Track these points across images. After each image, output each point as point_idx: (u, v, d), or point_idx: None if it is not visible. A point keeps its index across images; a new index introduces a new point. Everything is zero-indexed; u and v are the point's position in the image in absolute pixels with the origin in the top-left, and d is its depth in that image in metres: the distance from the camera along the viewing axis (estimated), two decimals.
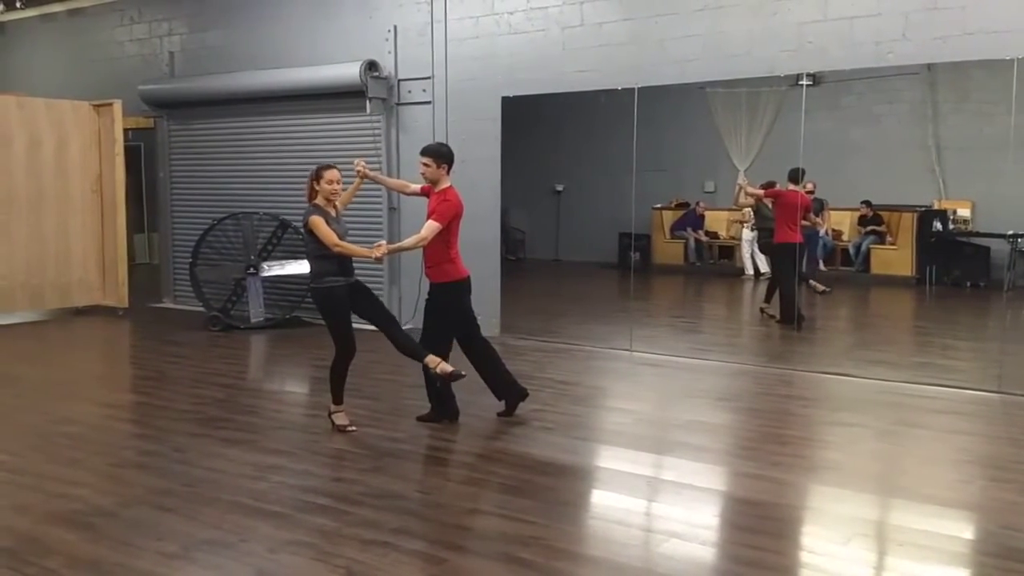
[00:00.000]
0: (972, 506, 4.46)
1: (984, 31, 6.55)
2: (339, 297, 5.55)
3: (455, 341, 5.85)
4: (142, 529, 4.09)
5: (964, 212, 10.34)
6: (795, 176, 8.81)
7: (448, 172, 5.72)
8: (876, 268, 10.35)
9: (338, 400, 5.73)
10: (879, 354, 8.43)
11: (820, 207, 10.68)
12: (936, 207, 10.38)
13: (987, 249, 10.13)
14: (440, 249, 5.65)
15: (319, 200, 5.59)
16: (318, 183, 5.59)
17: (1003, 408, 6.31)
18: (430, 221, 5.53)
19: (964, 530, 4.18)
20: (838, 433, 5.80)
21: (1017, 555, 3.78)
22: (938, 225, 10.25)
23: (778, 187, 9.07)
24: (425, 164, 5.69)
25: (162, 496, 4.52)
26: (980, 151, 9.69)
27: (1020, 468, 4.94)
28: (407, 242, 5.67)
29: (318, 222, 5.46)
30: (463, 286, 5.78)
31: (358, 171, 6.02)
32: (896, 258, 10.23)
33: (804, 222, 9.21)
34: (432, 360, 5.44)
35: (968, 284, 10.31)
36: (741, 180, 9.65)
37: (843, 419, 6.08)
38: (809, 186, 10.36)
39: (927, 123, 10.40)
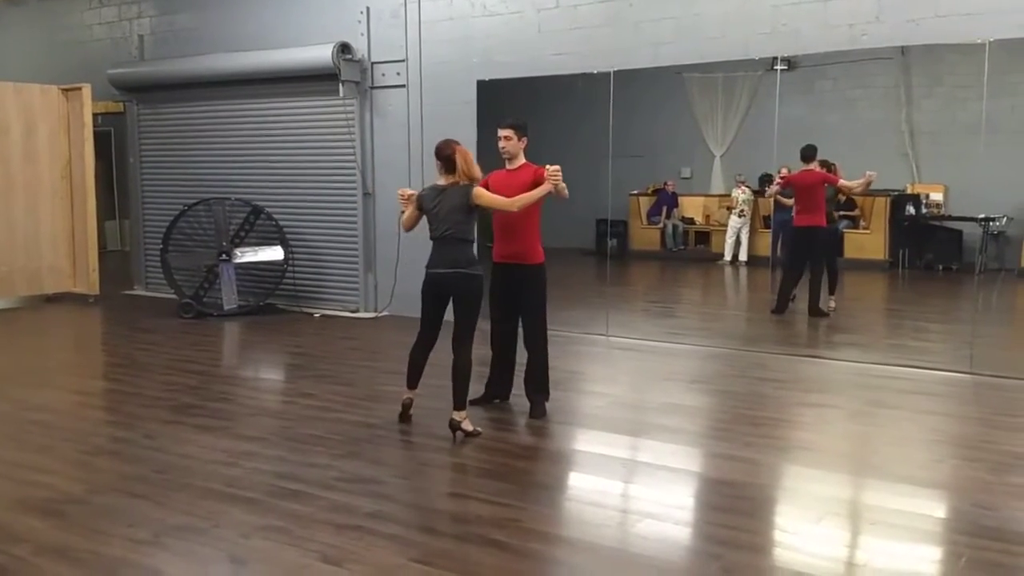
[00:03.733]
0: (944, 485, 4.50)
1: (957, 13, 6.58)
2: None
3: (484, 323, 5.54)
4: (112, 516, 4.04)
5: (937, 196, 10.44)
6: (807, 154, 8.66)
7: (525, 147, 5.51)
8: (850, 252, 10.42)
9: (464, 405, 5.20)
10: (852, 336, 8.51)
11: (792, 193, 10.71)
12: (909, 191, 10.48)
13: (959, 232, 10.24)
14: (535, 226, 5.45)
15: (458, 177, 5.14)
16: (459, 158, 5.10)
17: (974, 388, 6.38)
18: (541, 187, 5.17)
19: (936, 509, 4.22)
20: (811, 414, 5.84)
21: (988, 533, 3.81)
22: (911, 209, 10.34)
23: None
24: (507, 137, 5.41)
25: (133, 483, 4.47)
26: (953, 135, 9.77)
27: (991, 448, 4.99)
28: (546, 187, 5.15)
29: (483, 192, 5.13)
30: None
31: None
32: (869, 242, 10.31)
33: (849, 185, 8.82)
34: (461, 415, 5.14)
35: (940, 267, 10.43)
36: (776, 185, 9.33)
37: (816, 400, 6.13)
38: (784, 171, 10.40)
39: (900, 108, 10.47)
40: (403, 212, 5.43)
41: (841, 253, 9.61)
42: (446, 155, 5.15)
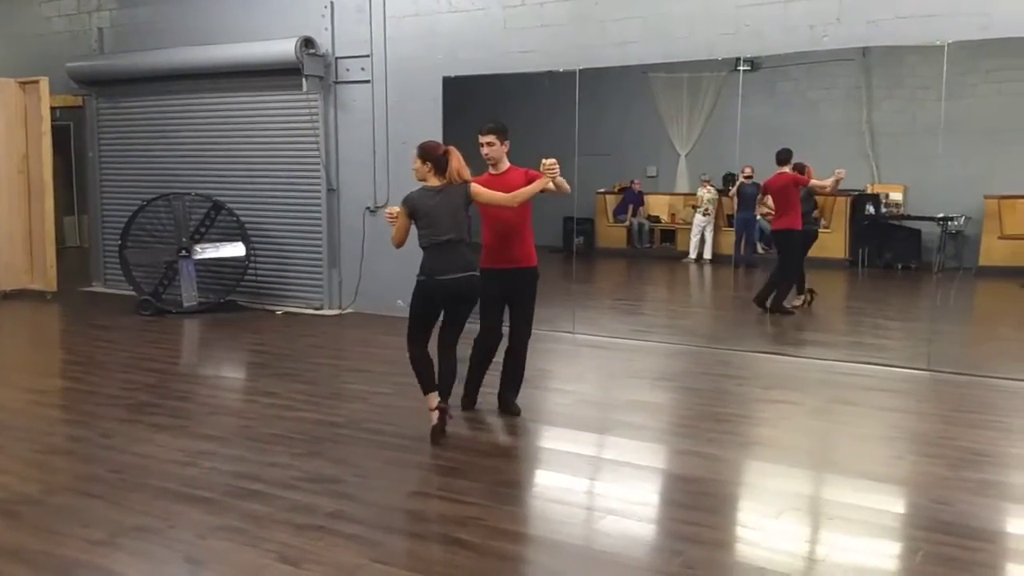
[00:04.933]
0: (902, 481, 4.56)
1: (916, 15, 6.66)
2: None
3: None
4: (67, 516, 3.97)
5: (896, 196, 10.60)
6: (780, 157, 8.72)
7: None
8: (810, 251, 10.52)
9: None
10: (813, 334, 8.60)
11: (756, 191, 10.82)
12: (869, 191, 10.62)
13: (918, 232, 10.41)
14: (531, 229, 5.36)
15: (451, 178, 4.98)
16: (454, 158, 4.98)
17: (932, 385, 6.47)
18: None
19: (895, 504, 4.26)
20: (772, 411, 5.89)
21: (946, 528, 3.86)
22: (871, 209, 10.48)
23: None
24: (489, 143, 5.25)
25: (88, 483, 4.39)
26: (912, 136, 9.92)
27: (949, 444, 5.06)
28: (543, 182, 5.06)
29: (481, 189, 5.03)
30: None
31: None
32: (830, 241, 10.40)
33: (820, 184, 8.81)
34: (434, 401, 5.10)
35: (900, 266, 10.59)
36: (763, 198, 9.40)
37: (777, 397, 6.18)
38: (748, 171, 10.49)
39: (861, 108, 10.61)
40: (389, 217, 5.14)
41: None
42: (438, 156, 4.99)
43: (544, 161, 5.05)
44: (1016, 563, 3.62)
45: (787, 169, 8.74)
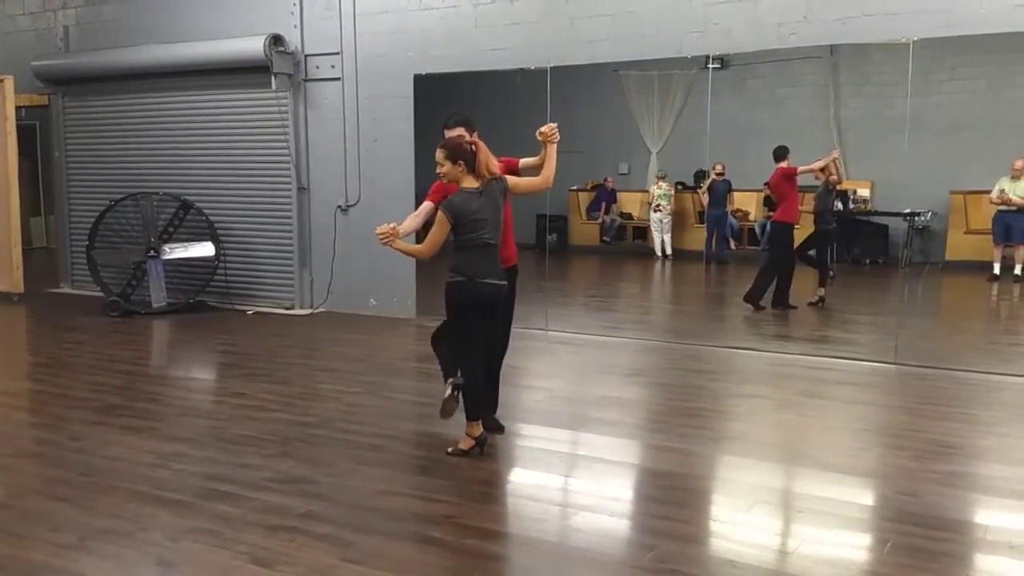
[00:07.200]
0: (870, 473, 4.61)
1: (882, 13, 6.74)
2: None
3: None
4: (36, 520, 3.92)
5: (864, 192, 10.72)
6: (776, 154, 8.78)
7: None
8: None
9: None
10: (782, 329, 8.68)
11: (728, 188, 10.92)
12: (837, 187, 10.71)
13: (885, 227, 10.54)
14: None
15: (483, 174, 4.59)
16: (481, 152, 4.57)
17: (899, 378, 6.56)
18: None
19: (863, 496, 4.31)
20: (743, 405, 5.94)
21: (913, 519, 3.91)
22: (839, 204, 10.58)
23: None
24: (459, 135, 4.83)
25: (57, 486, 4.34)
26: (879, 132, 10.04)
27: (915, 436, 5.13)
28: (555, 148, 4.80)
29: (516, 180, 4.74)
30: None
31: None
32: (799, 237, 10.51)
33: (811, 168, 8.89)
34: (478, 430, 4.80)
35: (867, 261, 10.72)
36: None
37: (747, 391, 6.24)
38: (719, 168, 10.57)
39: (829, 105, 10.72)
40: (383, 236, 4.56)
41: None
42: (469, 153, 4.55)
43: (542, 129, 4.77)
44: (983, 553, 3.68)
45: (784, 164, 8.82)
